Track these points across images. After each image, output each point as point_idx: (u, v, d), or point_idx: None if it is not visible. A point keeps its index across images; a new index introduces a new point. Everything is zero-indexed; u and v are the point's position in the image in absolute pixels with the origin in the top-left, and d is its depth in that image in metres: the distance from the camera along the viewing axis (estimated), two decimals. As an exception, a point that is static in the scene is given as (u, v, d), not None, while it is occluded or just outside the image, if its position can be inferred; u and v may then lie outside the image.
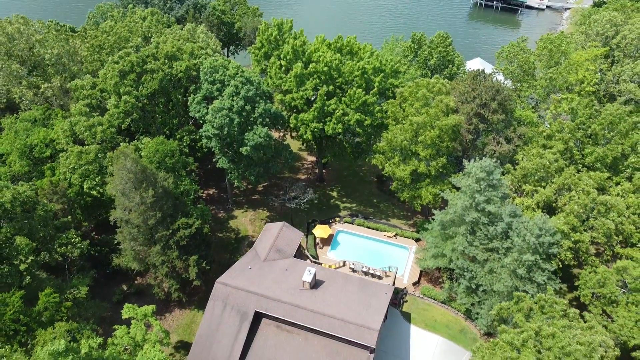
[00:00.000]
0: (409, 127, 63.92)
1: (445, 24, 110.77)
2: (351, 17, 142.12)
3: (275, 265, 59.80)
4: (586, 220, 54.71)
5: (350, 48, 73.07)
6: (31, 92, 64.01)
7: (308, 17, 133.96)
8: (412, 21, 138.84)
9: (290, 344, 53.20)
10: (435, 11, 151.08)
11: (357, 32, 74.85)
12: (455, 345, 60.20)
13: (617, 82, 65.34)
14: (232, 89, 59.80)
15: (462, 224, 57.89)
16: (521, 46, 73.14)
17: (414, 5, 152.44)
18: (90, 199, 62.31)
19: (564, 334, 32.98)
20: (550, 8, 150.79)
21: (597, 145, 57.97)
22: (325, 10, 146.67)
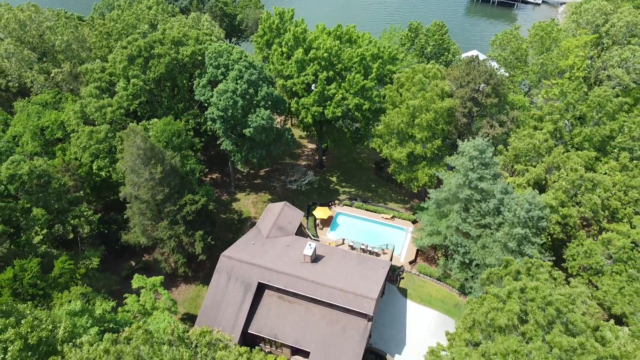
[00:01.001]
0: (406, 111, 66.44)
1: (442, 18, 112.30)
2: (350, 11, 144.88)
3: (277, 241, 62.43)
4: (574, 197, 57.37)
5: (349, 36, 75.65)
6: (42, 76, 66.59)
7: (308, 8, 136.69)
8: (410, 15, 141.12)
9: (292, 313, 55.85)
10: (434, 6, 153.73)
11: (356, 25, 77.40)
12: (450, 319, 62.75)
13: (606, 68, 67.93)
14: (236, 72, 62.37)
15: (456, 201, 60.47)
16: (514, 34, 75.87)
17: (412, 0, 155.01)
18: (99, 180, 64.88)
19: (546, 286, 35.63)
20: (545, 3, 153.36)
21: (586, 126, 60.52)
22: (325, 2, 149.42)
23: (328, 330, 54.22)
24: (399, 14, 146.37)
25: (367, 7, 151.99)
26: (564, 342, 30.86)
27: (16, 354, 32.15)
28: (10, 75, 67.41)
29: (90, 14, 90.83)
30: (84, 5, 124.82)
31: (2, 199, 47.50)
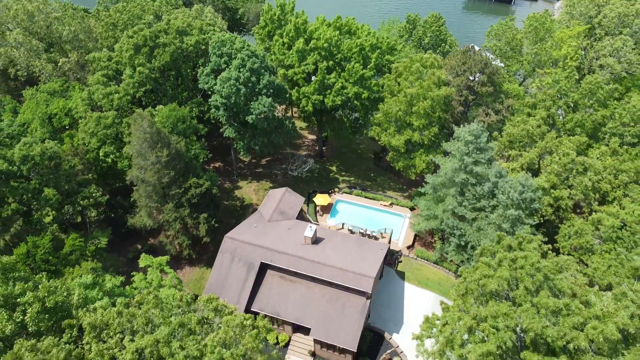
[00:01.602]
0: (404, 99, 68.38)
1: (441, 14, 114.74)
2: (350, 7, 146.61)
3: (278, 225, 64.37)
4: (566, 180, 59.33)
5: (348, 28, 77.63)
6: (50, 65, 68.53)
7: (309, 1, 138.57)
8: (409, 11, 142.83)
9: (293, 291, 57.81)
10: (432, 2, 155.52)
11: (355, 19, 79.34)
12: (446, 300, 64.72)
13: (598, 58, 69.92)
14: (239, 61, 64.31)
15: (452, 185, 62.43)
16: (509, 25, 77.91)
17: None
18: (106, 166, 66.76)
19: (534, 254, 37.58)
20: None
21: (578, 113, 62.47)
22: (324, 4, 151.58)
23: (328, 307, 56.17)
24: (399, 10, 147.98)
25: (366, 3, 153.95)
26: (550, 304, 32.84)
27: (34, 316, 34.12)
28: (19, 64, 69.39)
29: (95, 7, 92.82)
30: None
31: (15, 180, 49.38)
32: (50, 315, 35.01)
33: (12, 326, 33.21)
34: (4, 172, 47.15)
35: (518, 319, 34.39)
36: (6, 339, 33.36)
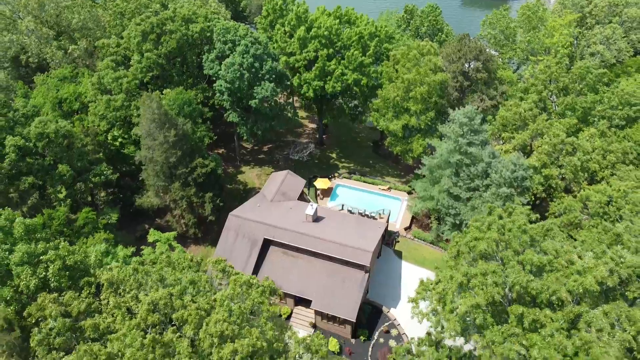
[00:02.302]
0: (401, 85, 70.93)
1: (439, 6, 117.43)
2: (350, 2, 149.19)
3: (280, 205, 66.96)
4: (556, 160, 61.91)
5: (348, 17, 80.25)
6: (60, 52, 71.07)
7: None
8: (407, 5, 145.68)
9: (295, 266, 60.38)
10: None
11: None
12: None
13: (589, 46, 72.54)
14: (243, 47, 66.87)
15: (448, 166, 65.00)
16: (503, 14, 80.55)
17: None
18: (114, 149, 69.29)
19: (521, 217, 40.15)
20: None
21: (568, 96, 65.07)
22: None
23: (328, 281, 58.73)
24: (397, 3, 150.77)
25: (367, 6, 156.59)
26: (534, 259, 35.43)
27: (56, 273, 36.64)
28: (30, 51, 71.93)
29: None
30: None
31: (30, 156, 51.92)
32: (71, 273, 37.55)
33: (36, 281, 35.77)
34: (21, 148, 49.65)
35: (505, 278, 36.98)
36: (30, 293, 35.93)
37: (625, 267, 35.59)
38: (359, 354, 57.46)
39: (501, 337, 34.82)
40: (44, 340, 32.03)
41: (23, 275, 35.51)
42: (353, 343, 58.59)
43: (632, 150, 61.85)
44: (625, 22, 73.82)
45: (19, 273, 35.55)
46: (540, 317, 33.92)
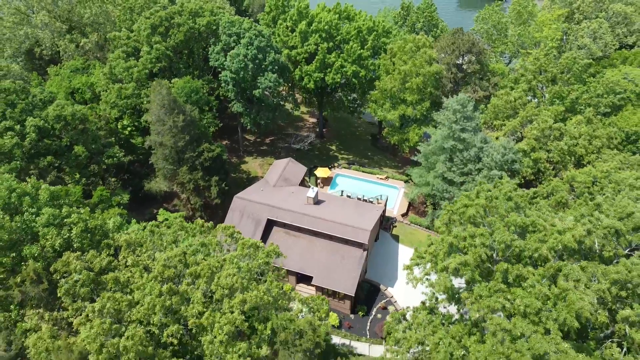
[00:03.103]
0: (398, 76, 74.39)
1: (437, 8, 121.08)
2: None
3: (283, 189, 70.17)
4: (544, 145, 65.25)
5: (347, 14, 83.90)
6: (73, 45, 74.56)
7: None
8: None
9: (297, 245, 63.47)
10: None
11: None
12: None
13: (577, 39, 76.11)
14: (247, 39, 70.34)
15: (442, 152, 68.28)
16: (495, 10, 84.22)
17: None
18: (124, 138, 72.53)
19: (506, 185, 43.43)
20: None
21: (556, 86, 68.55)
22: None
23: (329, 258, 61.81)
24: (395, 4, 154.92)
25: (364, 3, 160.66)
26: (518, 220, 38.64)
27: (79, 234, 39.73)
28: (44, 44, 75.37)
29: None
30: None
31: (48, 138, 55.13)
32: (92, 235, 40.62)
33: (61, 241, 38.81)
34: (40, 129, 52.85)
35: (493, 242, 40.16)
36: (56, 253, 39.03)
37: (602, 227, 38.81)
38: (357, 328, 60.44)
39: (488, 292, 37.94)
40: (70, 290, 35.07)
41: (49, 236, 38.62)
42: (352, 318, 61.56)
43: (617, 136, 65.21)
44: (611, 17, 77.49)
45: (45, 233, 38.67)
46: (523, 272, 37.07)
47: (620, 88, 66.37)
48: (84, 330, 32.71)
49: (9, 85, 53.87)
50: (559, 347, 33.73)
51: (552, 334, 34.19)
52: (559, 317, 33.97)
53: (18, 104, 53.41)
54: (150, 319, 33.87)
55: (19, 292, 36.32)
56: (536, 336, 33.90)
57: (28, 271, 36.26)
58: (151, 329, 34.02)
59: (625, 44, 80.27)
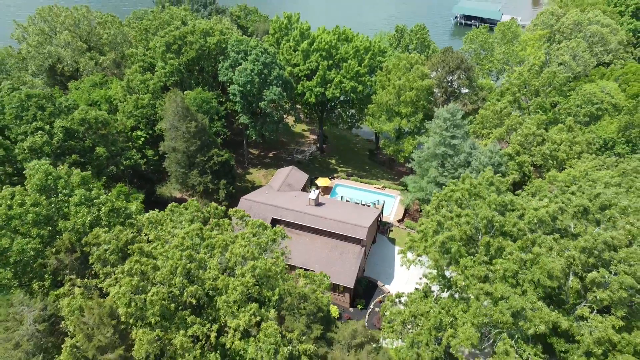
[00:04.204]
0: (393, 90, 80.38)
1: (431, 38, 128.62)
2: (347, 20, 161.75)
3: (286, 193, 75.11)
4: (528, 150, 70.57)
5: (346, 35, 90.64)
6: (93, 62, 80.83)
7: (311, 17, 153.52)
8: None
9: (300, 242, 67.89)
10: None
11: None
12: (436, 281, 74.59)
13: (557, 57, 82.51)
14: (254, 56, 76.62)
15: (434, 158, 73.53)
16: (482, 31, 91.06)
17: (403, 22, 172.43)
18: (138, 147, 77.76)
19: (488, 173, 48.49)
20: (522, 27, 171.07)
21: (539, 97, 74.46)
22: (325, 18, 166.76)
23: (329, 254, 66.17)
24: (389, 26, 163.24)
25: (361, 28, 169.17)
26: (498, 199, 43.51)
27: (106, 213, 44.45)
28: (66, 61, 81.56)
29: (127, 17, 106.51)
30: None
31: (73, 139, 60.38)
32: (118, 214, 45.27)
33: (91, 218, 43.43)
34: (67, 129, 58.15)
35: (476, 221, 44.94)
36: (86, 228, 43.68)
37: (572, 206, 43.67)
38: (356, 320, 64.24)
39: (472, 263, 42.47)
40: (101, 256, 39.51)
41: (80, 214, 43.26)
42: (351, 311, 65.51)
43: (595, 142, 70.63)
44: (589, 38, 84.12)
45: (77, 211, 43.32)
46: (504, 244, 41.72)
47: (597, 99, 72.17)
48: (114, 289, 37.14)
49: (39, 92, 59.50)
50: (534, 305, 38.13)
51: (529, 295, 38.63)
52: (533, 278, 38.47)
53: (47, 108, 58.92)
54: (172, 281, 38.31)
55: (55, 260, 40.71)
56: (514, 296, 38.33)
57: (64, 241, 40.80)
58: (173, 291, 38.41)
59: (603, 62, 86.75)
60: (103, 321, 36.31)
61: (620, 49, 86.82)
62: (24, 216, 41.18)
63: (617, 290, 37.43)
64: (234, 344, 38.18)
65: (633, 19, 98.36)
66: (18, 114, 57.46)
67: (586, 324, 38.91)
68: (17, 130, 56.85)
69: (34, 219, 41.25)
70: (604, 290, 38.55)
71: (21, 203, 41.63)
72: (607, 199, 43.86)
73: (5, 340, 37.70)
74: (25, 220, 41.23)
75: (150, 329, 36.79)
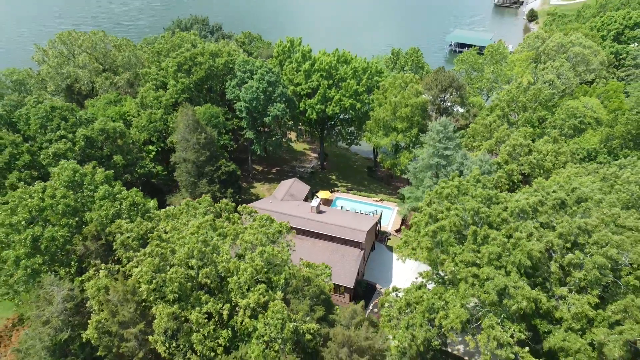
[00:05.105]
0: (389, 107, 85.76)
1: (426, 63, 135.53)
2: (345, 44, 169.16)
3: (289, 202, 79.46)
4: (516, 160, 75.30)
5: (345, 57, 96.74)
6: (108, 81, 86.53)
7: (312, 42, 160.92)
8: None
9: (303, 246, 71.76)
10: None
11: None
12: (428, 267, 78.45)
13: (543, 76, 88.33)
14: (259, 75, 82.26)
15: (429, 169, 78.22)
16: (472, 52, 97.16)
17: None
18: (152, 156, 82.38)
19: (475, 171, 53.01)
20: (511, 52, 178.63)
21: (527, 112, 79.71)
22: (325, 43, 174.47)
23: (330, 257, 70.02)
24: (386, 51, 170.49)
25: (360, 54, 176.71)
26: (483, 193, 47.91)
27: (127, 207, 48.84)
28: (83, 80, 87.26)
29: (139, 42, 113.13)
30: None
31: (93, 148, 65.20)
32: (138, 209, 49.58)
33: (114, 210, 47.76)
34: (88, 137, 63.06)
35: (464, 211, 49.25)
36: (109, 220, 48.01)
37: (551, 199, 48.07)
38: (356, 319, 67.67)
39: (461, 251, 46.59)
40: (124, 242, 43.66)
41: (104, 207, 47.62)
42: (351, 311, 68.87)
43: (579, 152, 75.46)
44: (572, 59, 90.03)
45: (101, 205, 47.68)
46: (489, 233, 45.93)
47: (580, 113, 77.37)
48: (136, 270, 41.23)
49: (62, 104, 64.67)
50: (517, 284, 42.11)
51: (512, 275, 42.65)
52: (515, 260, 42.56)
53: (70, 119, 63.96)
54: (189, 263, 42.41)
55: (82, 247, 44.83)
56: (499, 277, 42.35)
57: (90, 229, 45.01)
58: (189, 272, 42.45)
59: (586, 81, 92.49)
60: (127, 297, 40.23)
61: (602, 69, 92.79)
62: (55, 207, 45.52)
63: (591, 270, 41.46)
64: (244, 322, 42.01)
65: (615, 43, 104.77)
66: (43, 124, 62.44)
67: (565, 301, 42.77)
68: (42, 139, 61.74)
69: (63, 209, 45.60)
70: (580, 271, 42.57)
71: (52, 195, 46.04)
72: (582, 193, 48.30)
73: (36, 317, 41.49)
74: (56, 210, 45.55)
75: (169, 305, 40.70)
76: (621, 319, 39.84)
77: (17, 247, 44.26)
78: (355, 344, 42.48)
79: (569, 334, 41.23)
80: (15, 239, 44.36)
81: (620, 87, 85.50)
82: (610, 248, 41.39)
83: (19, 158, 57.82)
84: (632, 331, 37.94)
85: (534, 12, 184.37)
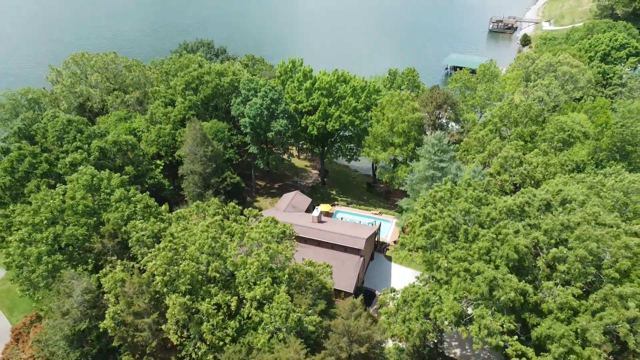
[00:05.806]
0: (386, 123, 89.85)
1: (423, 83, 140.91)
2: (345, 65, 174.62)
3: (291, 213, 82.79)
4: (508, 171, 78.87)
5: (344, 77, 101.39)
6: (118, 99, 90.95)
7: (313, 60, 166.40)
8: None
9: (304, 254, 74.69)
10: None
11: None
12: (426, 275, 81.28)
13: (533, 94, 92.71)
14: (263, 92, 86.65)
15: (425, 181, 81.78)
16: (465, 72, 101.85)
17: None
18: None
19: (466, 175, 56.50)
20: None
21: (518, 127, 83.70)
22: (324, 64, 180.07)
23: (331, 263, 72.45)
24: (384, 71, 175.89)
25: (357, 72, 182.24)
26: (474, 194, 51.38)
27: (141, 209, 52.24)
28: (95, 99, 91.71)
29: (148, 64, 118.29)
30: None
31: (105, 159, 68.99)
32: (151, 211, 53.01)
33: (129, 212, 51.11)
34: (102, 149, 66.90)
35: (455, 212, 52.63)
36: (124, 220, 51.34)
37: (537, 200, 51.52)
38: (356, 324, 70.26)
39: (453, 248, 49.83)
40: (139, 239, 46.95)
41: (120, 209, 51.04)
42: (351, 316, 71.49)
43: (568, 164, 79.10)
44: (561, 77, 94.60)
45: (118, 206, 51.11)
46: (479, 231, 49.26)
47: (568, 127, 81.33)
48: (151, 264, 44.46)
49: (78, 118, 68.72)
50: (505, 276, 45.24)
51: (501, 268, 45.82)
52: (503, 254, 45.77)
53: (85, 131, 67.92)
54: (199, 258, 45.65)
55: (100, 244, 48.11)
56: (488, 270, 45.52)
57: (107, 227, 48.34)
58: (200, 267, 45.66)
59: (574, 98, 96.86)
60: (142, 289, 43.36)
61: (590, 87, 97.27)
62: (75, 207, 48.99)
63: (574, 262, 44.64)
64: (251, 313, 45.01)
65: (602, 63, 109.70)
66: (60, 136, 66.37)
67: (551, 293, 45.82)
68: (59, 150, 65.56)
69: (83, 210, 49.05)
70: (564, 264, 45.74)
71: (72, 197, 49.57)
72: (567, 194, 51.78)
73: (57, 308, 44.49)
74: (76, 211, 49.00)
75: (181, 296, 43.79)
76: (602, 307, 42.83)
77: (39, 244, 47.55)
78: (355, 334, 45.33)
79: (554, 322, 44.14)
80: (37, 237, 47.67)
81: (607, 103, 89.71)
82: (590, 242, 44.63)
83: (37, 167, 61.52)
84: (611, 316, 40.92)
85: (527, 37, 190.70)
